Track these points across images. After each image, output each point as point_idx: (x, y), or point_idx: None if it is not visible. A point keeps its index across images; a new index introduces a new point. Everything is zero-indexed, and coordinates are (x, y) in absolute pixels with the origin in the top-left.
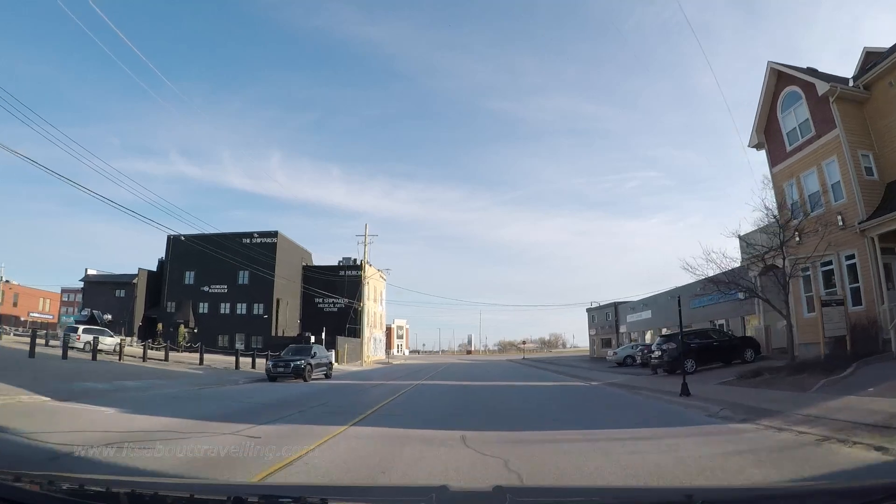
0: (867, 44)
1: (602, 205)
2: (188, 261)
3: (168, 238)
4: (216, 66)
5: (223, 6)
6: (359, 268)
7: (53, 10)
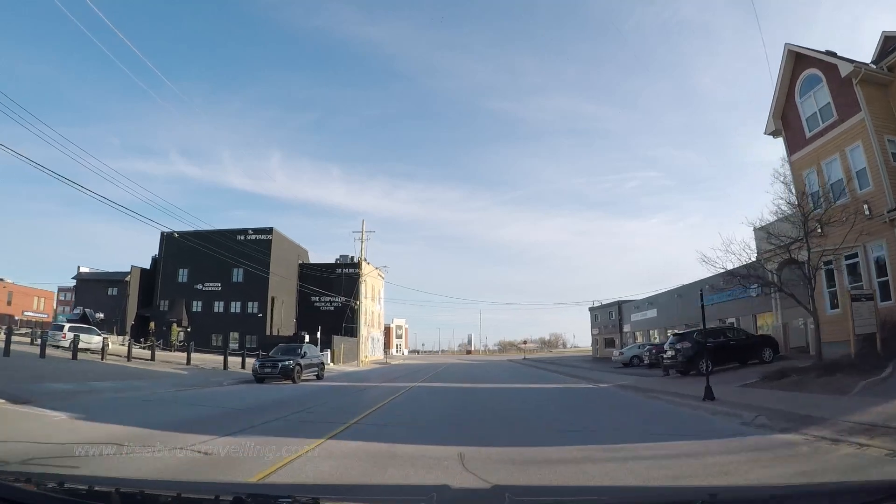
0: (866, 43)
1: (602, 205)
2: (182, 258)
3: (161, 235)
4: (216, 66)
5: (223, 6)
6: (356, 265)
7: (53, 10)
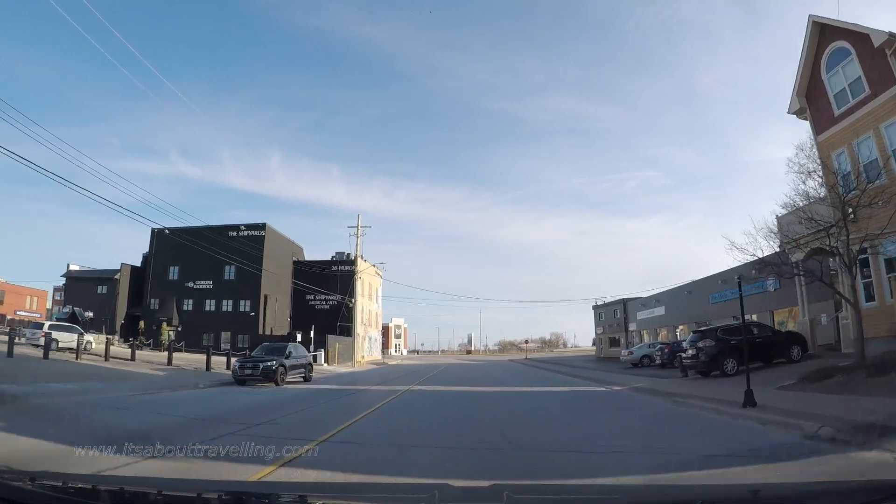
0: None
1: (602, 204)
2: (172, 255)
3: (152, 231)
4: (216, 66)
5: (223, 6)
6: (352, 262)
7: (53, 11)
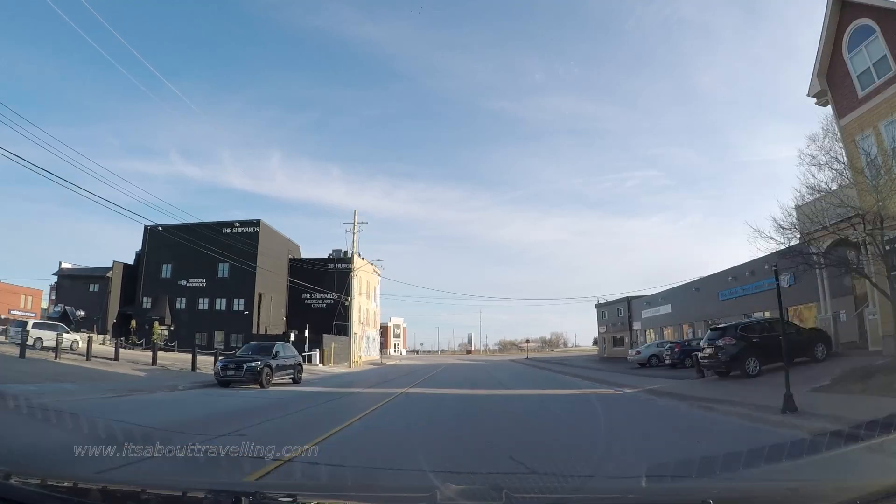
0: None
1: (602, 204)
2: (165, 253)
3: (145, 229)
4: (216, 66)
5: (223, 6)
6: (349, 260)
7: (53, 11)
